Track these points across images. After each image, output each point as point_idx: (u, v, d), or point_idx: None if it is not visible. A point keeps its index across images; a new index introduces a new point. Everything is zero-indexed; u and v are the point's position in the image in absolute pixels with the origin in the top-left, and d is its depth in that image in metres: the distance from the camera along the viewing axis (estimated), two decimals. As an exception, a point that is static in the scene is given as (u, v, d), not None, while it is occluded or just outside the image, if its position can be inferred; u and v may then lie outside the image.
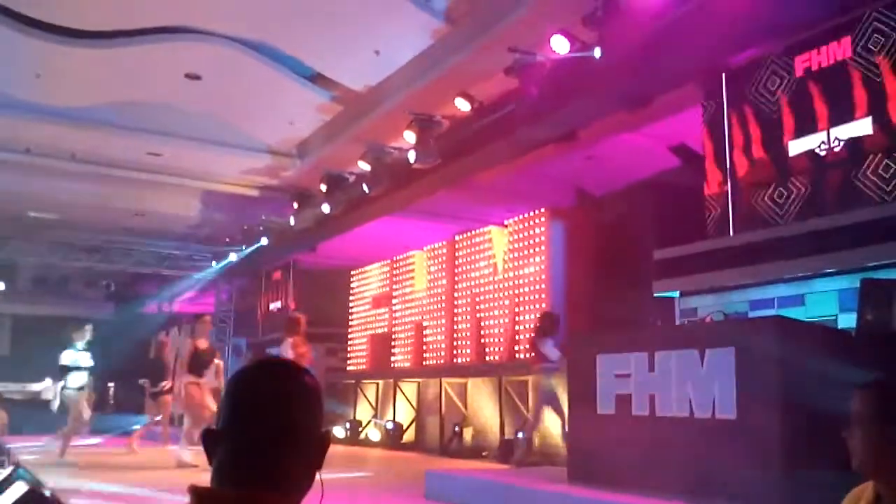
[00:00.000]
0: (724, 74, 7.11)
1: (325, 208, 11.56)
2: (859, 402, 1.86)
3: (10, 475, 6.41)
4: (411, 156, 9.23)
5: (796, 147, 6.45)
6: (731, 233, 6.89)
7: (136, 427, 11.69)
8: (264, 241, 14.17)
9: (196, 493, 1.20)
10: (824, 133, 6.22)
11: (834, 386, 4.31)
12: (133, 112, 10.09)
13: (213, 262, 16.43)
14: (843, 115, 6.10)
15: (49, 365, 10.41)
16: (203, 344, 9.82)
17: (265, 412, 1.23)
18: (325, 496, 1.35)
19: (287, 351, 8.83)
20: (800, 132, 6.43)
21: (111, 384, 19.34)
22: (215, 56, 8.62)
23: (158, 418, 11.61)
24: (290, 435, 1.24)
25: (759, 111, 6.82)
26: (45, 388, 11.56)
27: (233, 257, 15.64)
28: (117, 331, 17.28)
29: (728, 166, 7.02)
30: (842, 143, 6.08)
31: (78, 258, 16.18)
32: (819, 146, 6.25)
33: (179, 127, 10.55)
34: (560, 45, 6.89)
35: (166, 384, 11.28)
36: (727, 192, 7.01)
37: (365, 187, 10.51)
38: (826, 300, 5.98)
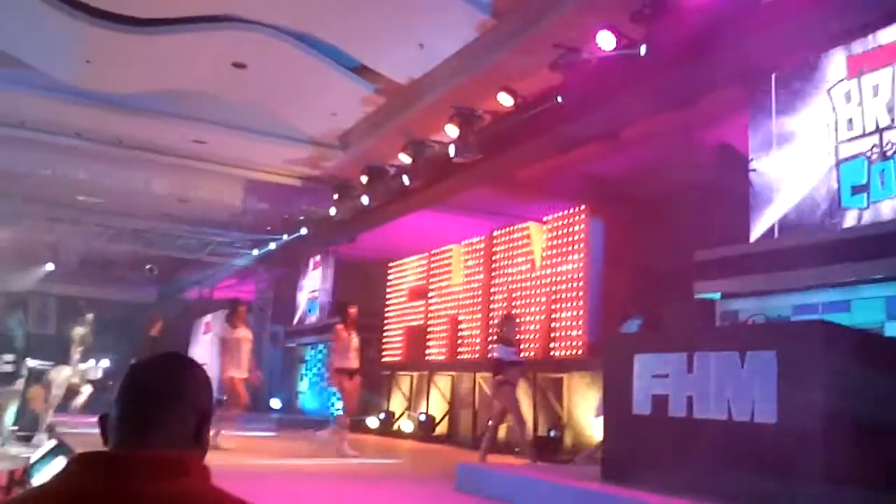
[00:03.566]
0: (773, 75, 6.98)
1: (365, 200, 11.62)
2: None
3: (53, 448, 6.59)
4: (452, 150, 9.22)
5: (846, 150, 6.31)
6: (776, 235, 6.77)
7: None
8: (304, 230, 14.30)
9: (76, 458, 1.31)
10: (876, 136, 6.07)
11: (880, 394, 4.23)
12: (179, 100, 10.24)
13: (254, 250, 16.64)
14: (896, 117, 5.94)
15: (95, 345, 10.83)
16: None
17: (144, 385, 1.40)
18: (351, 482, 1.39)
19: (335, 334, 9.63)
20: (850, 134, 6.29)
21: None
22: (261, 45, 8.70)
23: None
24: (164, 403, 1.38)
25: (808, 112, 6.68)
26: (89, 367, 11.74)
27: (272, 246, 15.82)
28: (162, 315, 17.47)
29: (774, 168, 6.89)
30: (895, 146, 5.92)
31: (123, 242, 16.49)
32: (871, 149, 6.11)
33: (224, 115, 10.69)
34: (606, 42, 6.80)
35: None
36: (772, 193, 6.88)
37: (405, 180, 10.53)
38: (873, 307, 5.84)
